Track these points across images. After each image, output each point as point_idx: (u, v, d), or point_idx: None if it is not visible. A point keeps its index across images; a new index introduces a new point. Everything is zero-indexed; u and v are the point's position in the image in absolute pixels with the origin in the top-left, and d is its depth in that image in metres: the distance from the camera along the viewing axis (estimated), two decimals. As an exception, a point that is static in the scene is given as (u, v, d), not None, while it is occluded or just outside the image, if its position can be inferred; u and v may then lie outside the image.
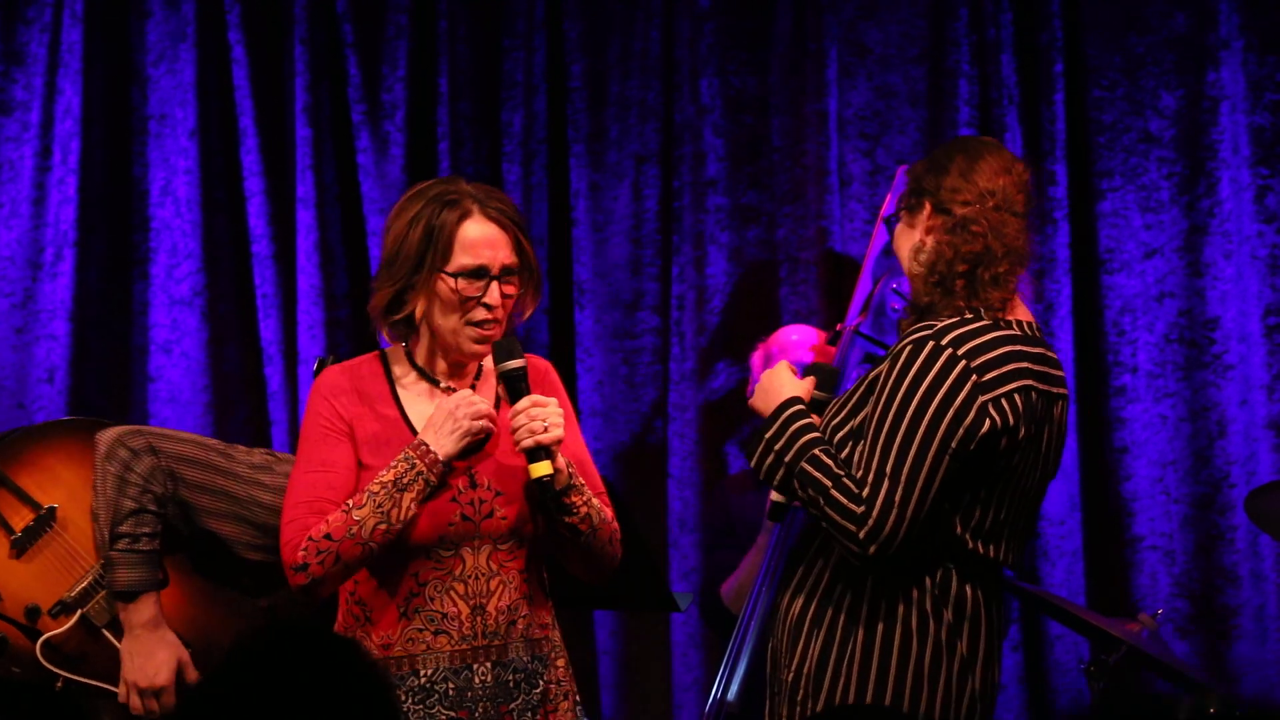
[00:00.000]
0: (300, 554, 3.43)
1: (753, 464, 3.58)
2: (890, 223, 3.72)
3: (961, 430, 3.41)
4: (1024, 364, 3.47)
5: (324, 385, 3.56)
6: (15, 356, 6.07)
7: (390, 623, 3.51)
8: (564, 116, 6.05)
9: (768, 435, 3.56)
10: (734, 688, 4.72)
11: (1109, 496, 5.73)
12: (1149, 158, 5.78)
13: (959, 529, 3.49)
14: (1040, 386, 3.50)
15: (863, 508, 3.42)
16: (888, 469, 3.42)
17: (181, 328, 6.09)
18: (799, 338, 5.17)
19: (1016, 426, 3.45)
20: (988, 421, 3.42)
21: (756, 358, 5.28)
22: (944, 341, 3.46)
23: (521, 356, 3.54)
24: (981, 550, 3.52)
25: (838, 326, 5.08)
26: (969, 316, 3.51)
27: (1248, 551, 5.60)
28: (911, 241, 3.62)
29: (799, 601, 3.60)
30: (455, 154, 6.05)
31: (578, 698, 3.71)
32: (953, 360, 3.44)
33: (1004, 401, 3.44)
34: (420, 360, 3.61)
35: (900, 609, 3.51)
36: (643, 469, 5.91)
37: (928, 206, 3.60)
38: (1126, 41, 5.81)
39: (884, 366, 3.51)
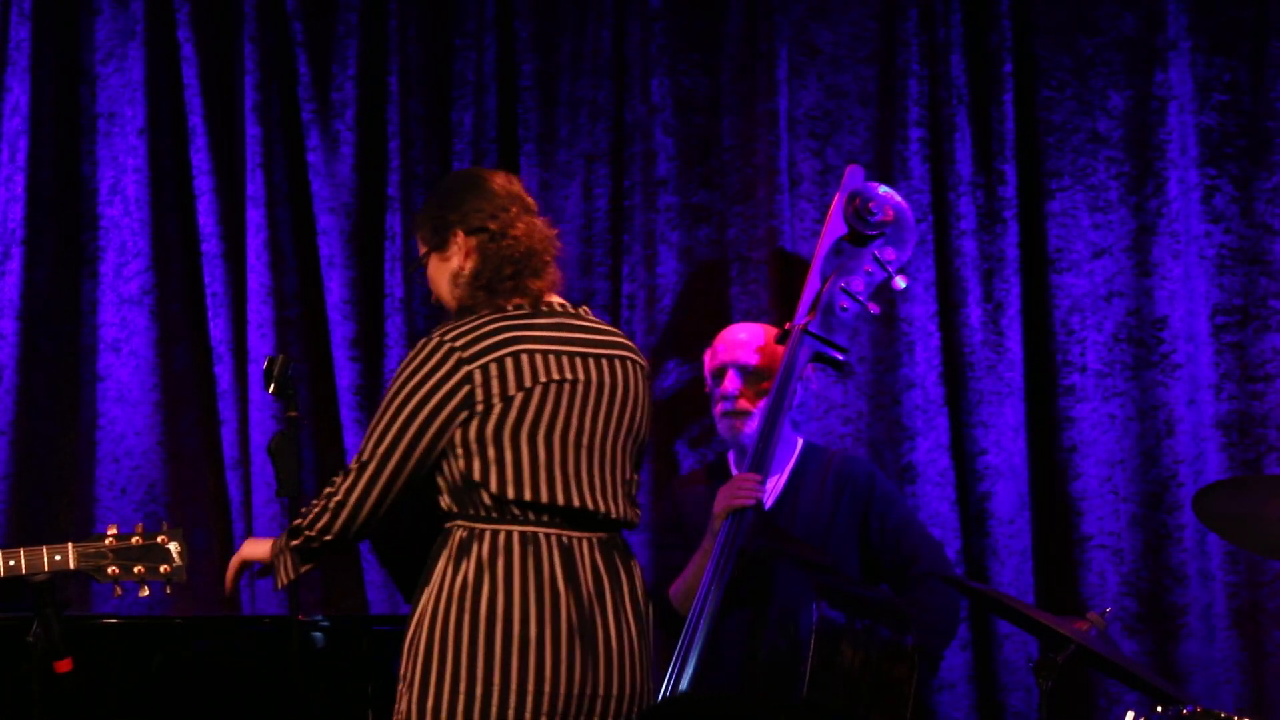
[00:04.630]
0: None
1: (283, 586, 3.90)
2: (418, 271, 4.02)
3: (443, 393, 3.74)
4: (517, 333, 3.82)
5: None
6: (-37, 356, 6.04)
7: None
8: (514, 116, 6.04)
9: (277, 574, 3.91)
10: (683, 688, 4.71)
11: (1058, 496, 5.75)
12: (1098, 158, 5.79)
13: (495, 488, 3.75)
14: (545, 348, 3.82)
15: (330, 489, 3.78)
16: (369, 449, 3.78)
17: (131, 326, 6.07)
18: (746, 337, 5.17)
19: (507, 384, 3.76)
20: (468, 385, 3.75)
21: (707, 356, 5.27)
22: (435, 334, 3.82)
23: None
24: (530, 497, 3.77)
25: (786, 325, 5.09)
26: (472, 320, 3.83)
27: (1195, 550, 5.62)
28: (451, 271, 3.94)
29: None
30: (406, 153, 6.04)
31: None
32: (439, 344, 3.80)
33: (491, 366, 3.76)
34: None
35: (459, 580, 3.76)
36: (593, 468, 5.89)
37: (459, 234, 3.92)
38: (1076, 43, 5.83)
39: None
